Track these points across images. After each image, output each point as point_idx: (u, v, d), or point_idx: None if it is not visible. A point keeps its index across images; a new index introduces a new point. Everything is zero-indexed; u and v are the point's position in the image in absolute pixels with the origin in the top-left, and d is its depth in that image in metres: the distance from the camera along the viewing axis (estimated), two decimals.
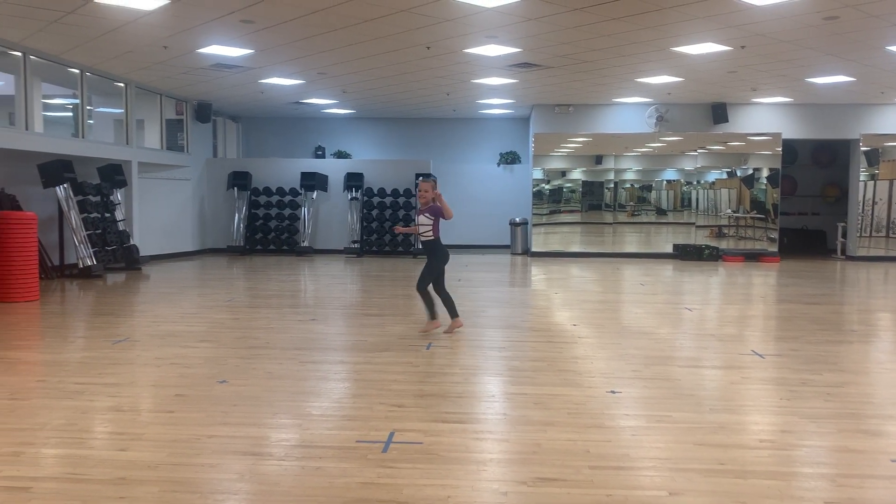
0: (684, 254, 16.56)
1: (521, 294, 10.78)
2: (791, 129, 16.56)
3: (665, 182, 17.56)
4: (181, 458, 3.69)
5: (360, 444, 3.92)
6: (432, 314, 7.08)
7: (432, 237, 6.96)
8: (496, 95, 15.37)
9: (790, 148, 17.47)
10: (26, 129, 11.03)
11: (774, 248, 16.78)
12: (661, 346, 6.72)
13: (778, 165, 16.80)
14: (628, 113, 16.77)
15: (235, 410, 4.52)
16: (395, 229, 7.63)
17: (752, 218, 17.19)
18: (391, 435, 4.04)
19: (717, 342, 6.95)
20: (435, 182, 7.03)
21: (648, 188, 17.65)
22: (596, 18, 9.01)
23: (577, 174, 17.51)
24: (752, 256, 16.47)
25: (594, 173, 17.45)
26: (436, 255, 7.01)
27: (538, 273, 13.57)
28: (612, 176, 17.34)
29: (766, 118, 16.57)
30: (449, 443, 3.94)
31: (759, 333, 7.67)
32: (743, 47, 10.45)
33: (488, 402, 4.77)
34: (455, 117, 18.98)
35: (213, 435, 4.05)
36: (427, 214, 6.89)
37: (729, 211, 17.47)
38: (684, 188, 17.35)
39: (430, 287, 7.08)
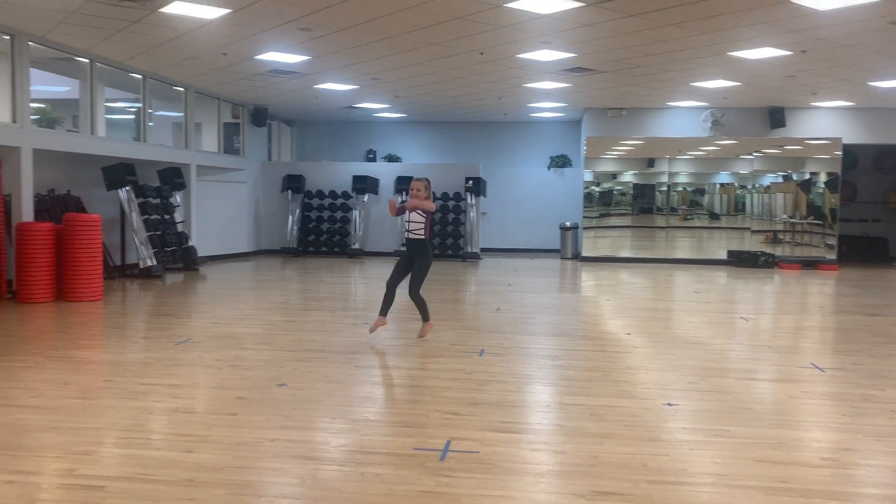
0: (739, 260, 16.26)
1: (572, 300, 10.74)
2: (852, 134, 16.13)
3: (718, 186, 17.27)
4: (245, 462, 3.79)
5: (417, 451, 3.98)
6: (425, 316, 7.05)
7: (423, 236, 6.81)
8: (548, 99, 15.33)
9: (850, 153, 17.00)
10: (91, 133, 11.41)
11: (833, 256, 16.35)
12: (716, 356, 6.64)
13: (837, 170, 16.37)
14: (682, 117, 16.55)
15: (295, 414, 4.62)
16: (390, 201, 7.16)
17: (808, 224, 16.81)
18: (448, 443, 4.09)
19: (775, 354, 6.83)
20: (428, 183, 6.93)
21: (702, 192, 17.36)
22: (652, 24, 8.94)
23: (629, 178, 17.34)
24: (809, 264, 16.08)
25: (646, 177, 17.27)
26: (426, 255, 6.86)
27: (589, 279, 13.49)
28: (664, 179, 17.14)
29: (826, 122, 16.17)
30: (505, 453, 3.98)
31: (818, 345, 7.51)
32: (804, 52, 10.23)
33: (543, 413, 4.78)
34: (505, 121, 18.98)
35: (275, 438, 4.15)
36: (420, 212, 6.80)
37: (784, 216, 17.12)
38: (738, 192, 17.03)
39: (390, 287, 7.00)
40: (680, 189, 17.32)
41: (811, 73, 11.86)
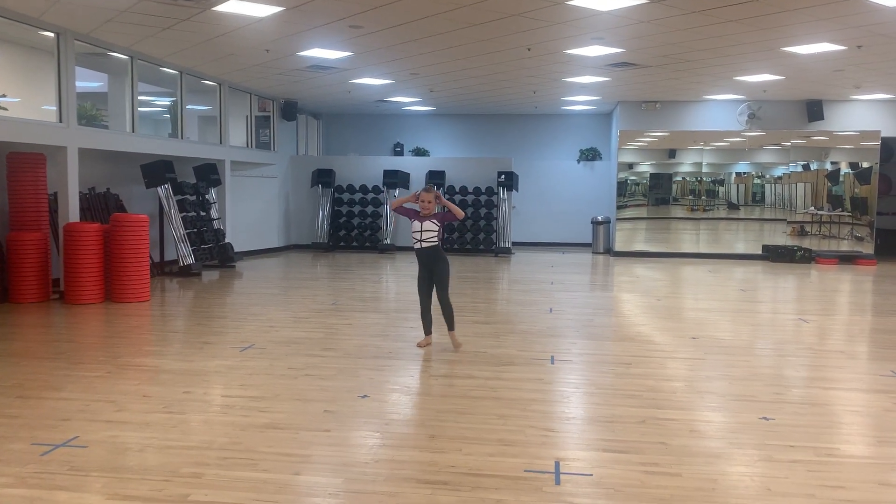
0: (775, 255, 16.07)
1: (622, 300, 10.59)
2: (891, 127, 15.89)
3: (752, 178, 17.07)
4: (358, 485, 3.70)
5: (528, 473, 3.88)
6: (452, 324, 6.87)
7: (437, 243, 6.64)
8: (583, 93, 15.14)
9: (886, 146, 16.75)
10: (132, 130, 11.32)
11: (870, 251, 16.15)
12: (791, 364, 6.51)
13: (875, 163, 16.13)
14: (717, 110, 16.34)
15: (390, 431, 4.52)
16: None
17: (841, 216, 16.63)
18: (557, 465, 3.99)
19: (849, 360, 6.70)
20: (437, 192, 6.72)
21: (735, 186, 17.18)
22: (710, 21, 8.76)
23: (661, 170, 17.15)
24: (847, 259, 15.88)
25: (679, 170, 17.08)
26: (444, 259, 6.70)
27: (628, 276, 13.35)
28: (697, 171, 16.94)
29: (865, 115, 15.93)
30: (620, 476, 3.87)
31: (889, 350, 7.35)
32: (859, 47, 10.03)
33: (641, 428, 4.67)
34: (535, 113, 18.80)
35: (379, 459, 4.06)
36: (434, 220, 6.60)
37: (812, 209, 16.95)
38: (767, 184, 16.82)
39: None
40: (712, 182, 17.13)
41: (861, 67, 11.64)
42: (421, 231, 6.59)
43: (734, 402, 5.28)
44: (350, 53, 11.05)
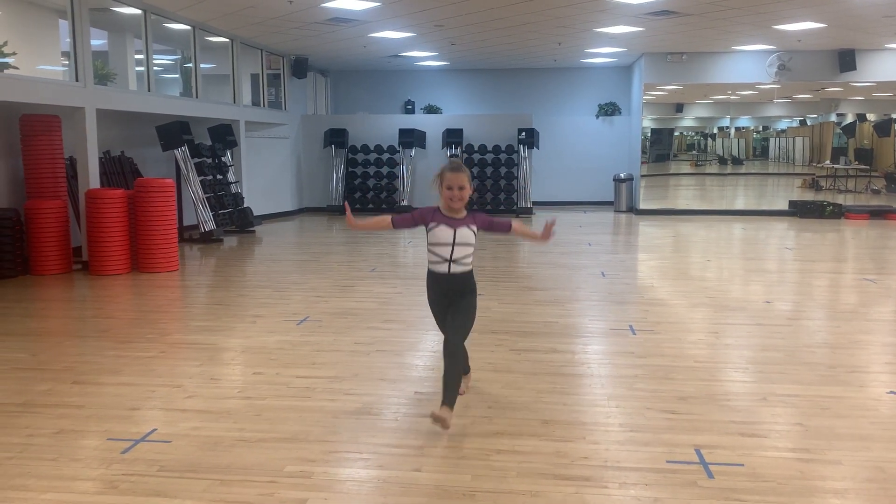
0: (803, 211, 15.67)
1: (670, 261, 10.10)
2: None
3: (776, 131, 16.66)
4: (491, 483, 3.29)
5: (671, 465, 3.48)
6: (466, 368, 4.45)
7: (471, 265, 4.04)
8: (611, 44, 14.52)
9: None
10: (148, 90, 10.70)
11: None
12: (882, 329, 6.14)
13: None
14: (745, 61, 15.74)
15: (498, 417, 4.11)
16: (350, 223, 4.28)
17: (855, 169, 16.33)
18: (699, 453, 3.59)
19: None
20: (468, 170, 3.99)
21: (763, 139, 16.76)
22: None
23: (690, 122, 16.66)
24: (877, 214, 15.51)
25: (704, 123, 16.59)
26: (471, 292, 4.08)
27: (664, 235, 12.92)
28: (723, 125, 16.47)
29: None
30: (774, 465, 3.47)
31: None
32: None
33: (767, 407, 4.27)
34: (552, 67, 18.11)
35: (500, 450, 3.65)
36: (472, 226, 3.95)
37: (828, 162, 16.61)
38: (791, 138, 16.42)
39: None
40: (735, 136, 16.70)
41: None
42: (452, 245, 3.90)
43: (849, 374, 4.90)
44: (377, 4, 10.41)
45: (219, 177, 12.56)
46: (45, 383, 4.71)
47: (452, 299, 4.01)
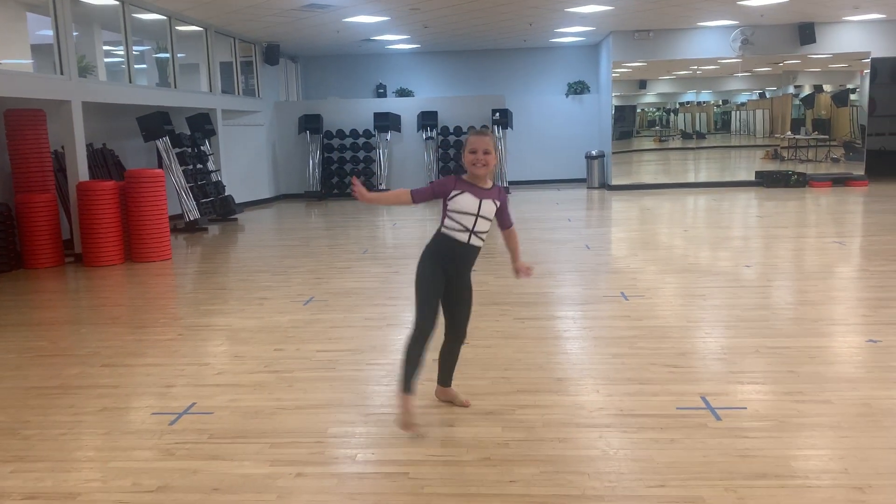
0: (769, 181, 16.23)
1: (652, 233, 10.45)
2: (881, 48, 15.96)
3: (743, 104, 17.18)
4: (520, 433, 3.58)
5: (681, 410, 3.81)
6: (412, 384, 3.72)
7: (483, 244, 3.80)
8: (581, 23, 14.81)
9: (871, 66, 16.90)
10: (129, 81, 10.72)
11: (861, 172, 16.40)
12: (858, 285, 6.57)
13: (866, 85, 16.27)
14: (710, 36, 16.18)
15: (516, 377, 4.40)
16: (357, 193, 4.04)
17: (815, 139, 16.94)
18: (705, 400, 3.93)
19: None
20: (495, 137, 4.14)
21: (724, 113, 17.27)
22: None
23: (653, 98, 17.08)
24: (839, 181, 16.13)
25: (665, 99, 17.03)
26: (469, 277, 3.91)
27: (639, 208, 13.32)
28: (686, 100, 16.92)
29: (855, 36, 15.93)
30: (774, 406, 3.83)
31: None
32: None
33: (760, 358, 4.63)
34: (521, 48, 18.37)
35: (523, 405, 3.94)
36: (496, 199, 3.72)
37: (789, 133, 17.19)
38: (752, 111, 16.96)
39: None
40: (701, 110, 17.19)
41: None
42: (476, 216, 3.66)
43: (831, 326, 5.31)
44: None
45: (199, 166, 12.63)
46: (74, 367, 4.89)
47: (452, 276, 3.78)
